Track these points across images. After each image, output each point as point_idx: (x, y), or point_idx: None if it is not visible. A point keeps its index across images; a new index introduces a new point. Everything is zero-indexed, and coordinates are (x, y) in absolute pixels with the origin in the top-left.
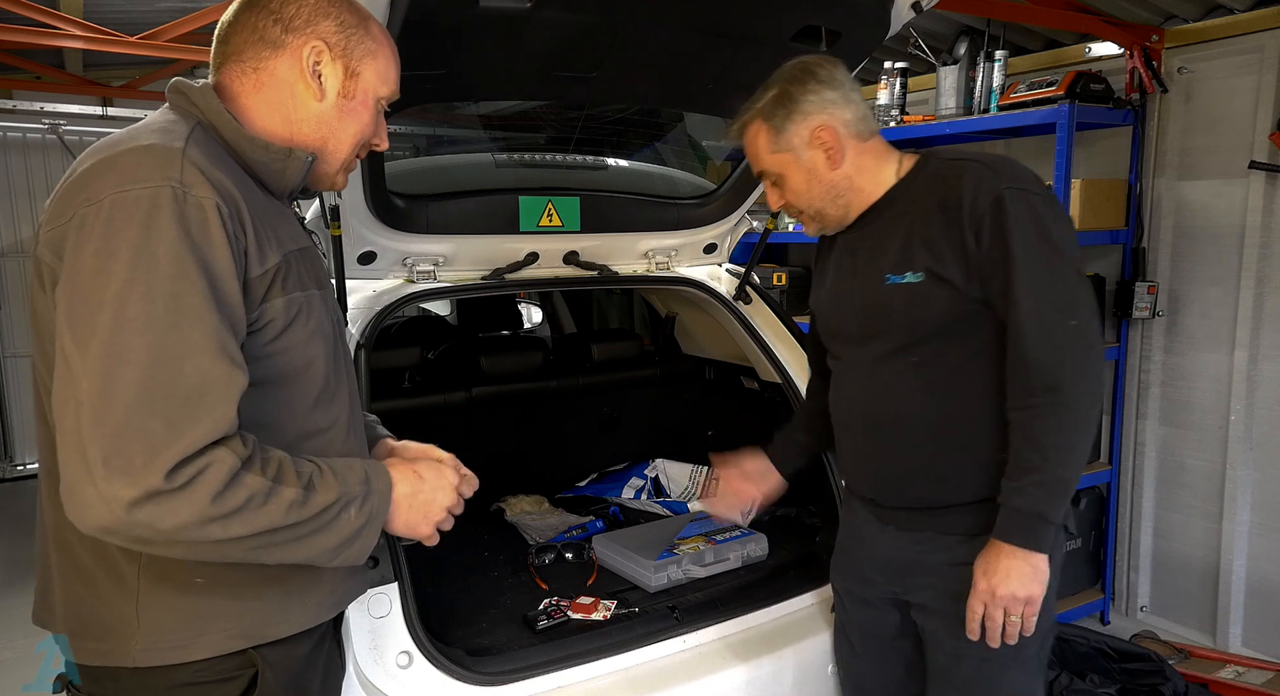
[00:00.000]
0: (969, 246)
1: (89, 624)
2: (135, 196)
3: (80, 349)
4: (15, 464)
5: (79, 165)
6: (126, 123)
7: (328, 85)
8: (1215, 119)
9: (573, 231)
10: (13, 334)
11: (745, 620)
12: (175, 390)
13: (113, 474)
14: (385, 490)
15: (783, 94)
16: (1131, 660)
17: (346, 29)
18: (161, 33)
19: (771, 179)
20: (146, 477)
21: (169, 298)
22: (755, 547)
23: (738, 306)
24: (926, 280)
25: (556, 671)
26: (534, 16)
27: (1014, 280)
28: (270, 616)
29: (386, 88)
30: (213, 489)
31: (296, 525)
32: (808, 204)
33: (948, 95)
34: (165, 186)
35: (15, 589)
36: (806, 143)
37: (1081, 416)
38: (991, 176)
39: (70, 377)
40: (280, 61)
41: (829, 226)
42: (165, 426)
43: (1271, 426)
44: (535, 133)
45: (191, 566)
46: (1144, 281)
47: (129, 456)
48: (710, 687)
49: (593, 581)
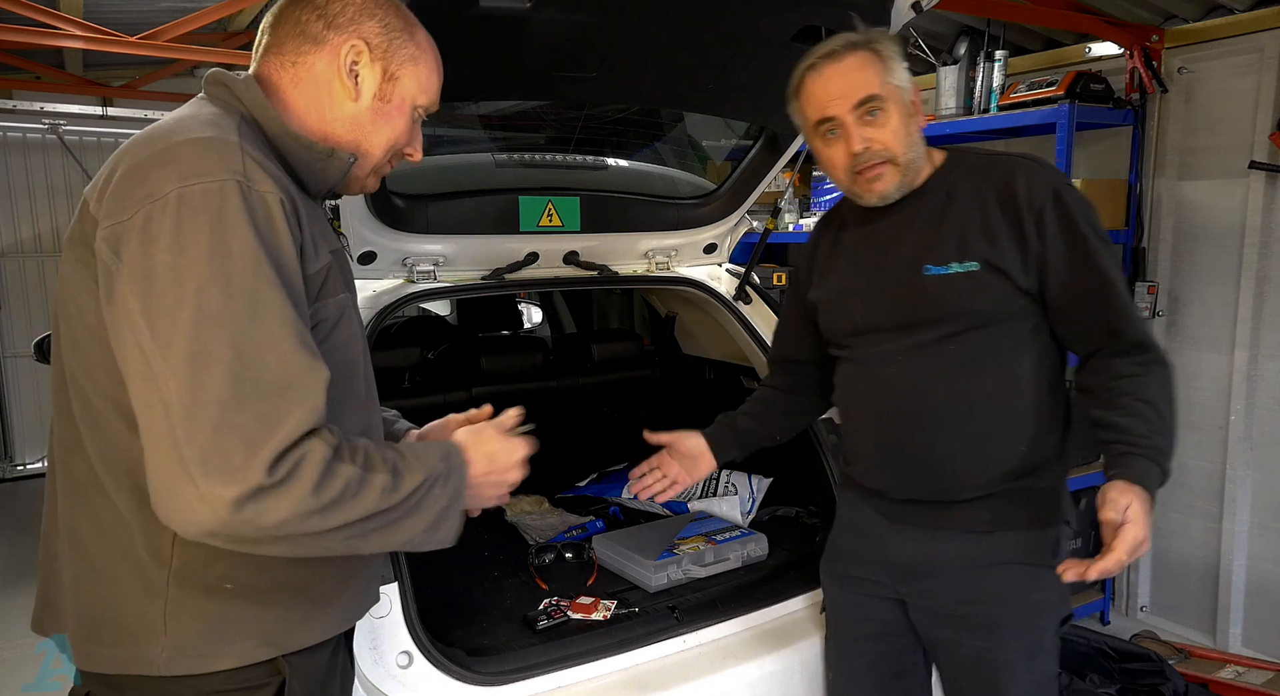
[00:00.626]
0: (1029, 237)
1: (105, 629)
2: (203, 190)
3: (162, 348)
4: (15, 464)
5: (124, 158)
6: (126, 123)
7: (364, 86)
8: (1215, 119)
9: (573, 231)
10: (13, 334)
11: (745, 620)
12: (263, 384)
13: (213, 473)
14: (461, 466)
15: (879, 38)
16: (1131, 660)
17: (390, 32)
18: (161, 33)
19: (873, 109)
20: (248, 475)
21: (247, 292)
22: (755, 547)
23: (738, 306)
24: (982, 270)
25: (556, 671)
26: (534, 16)
27: (1096, 262)
28: (296, 624)
29: (425, 97)
30: (312, 480)
31: (390, 510)
32: (900, 143)
33: (948, 95)
34: (230, 180)
35: (15, 589)
36: (911, 88)
37: (1174, 380)
38: (1043, 172)
39: (152, 377)
40: (320, 58)
41: (901, 187)
42: (258, 421)
43: (1271, 426)
44: (535, 133)
45: (222, 571)
46: (1144, 281)
47: (227, 454)
48: (710, 687)
49: (592, 581)
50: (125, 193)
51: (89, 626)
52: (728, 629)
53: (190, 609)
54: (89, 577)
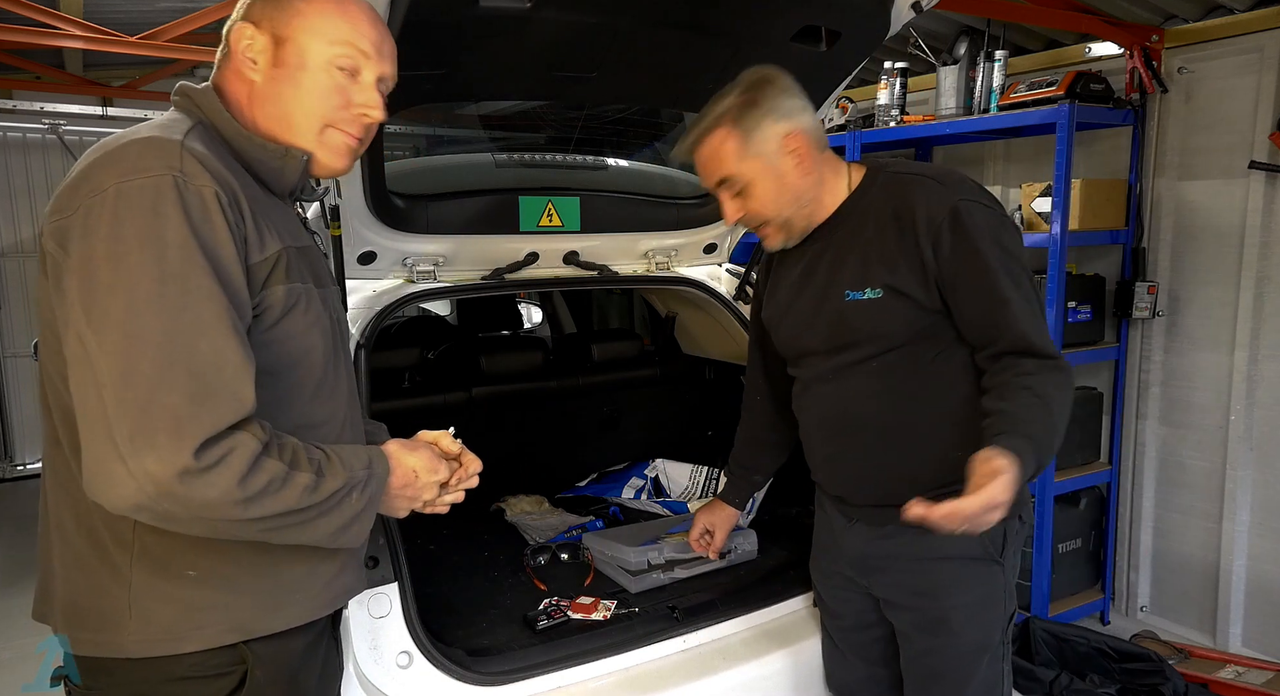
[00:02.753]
0: (926, 259)
1: (87, 614)
2: (139, 185)
3: (97, 333)
4: (15, 464)
5: (81, 161)
6: (127, 123)
7: (259, 60)
8: (1215, 119)
9: (573, 231)
10: (13, 334)
11: (745, 620)
12: (192, 367)
13: (141, 450)
14: (384, 475)
15: (749, 100)
16: (1131, 660)
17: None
18: (161, 33)
19: (736, 188)
20: (176, 455)
21: (179, 279)
22: (744, 542)
23: (738, 306)
24: (886, 295)
25: (556, 671)
26: (534, 16)
27: (995, 282)
28: (263, 610)
29: (336, 47)
30: (238, 472)
31: (307, 509)
32: (776, 212)
33: (948, 95)
34: (167, 175)
35: (15, 589)
36: (777, 149)
37: (1072, 385)
38: (942, 190)
39: (88, 361)
40: (232, 48)
41: (794, 237)
42: (187, 401)
43: (1271, 426)
44: (535, 133)
45: (184, 558)
46: (1144, 281)
47: (153, 432)
48: (710, 687)
49: (590, 581)
50: (71, 191)
51: (73, 612)
52: (727, 629)
53: (154, 593)
54: (73, 564)
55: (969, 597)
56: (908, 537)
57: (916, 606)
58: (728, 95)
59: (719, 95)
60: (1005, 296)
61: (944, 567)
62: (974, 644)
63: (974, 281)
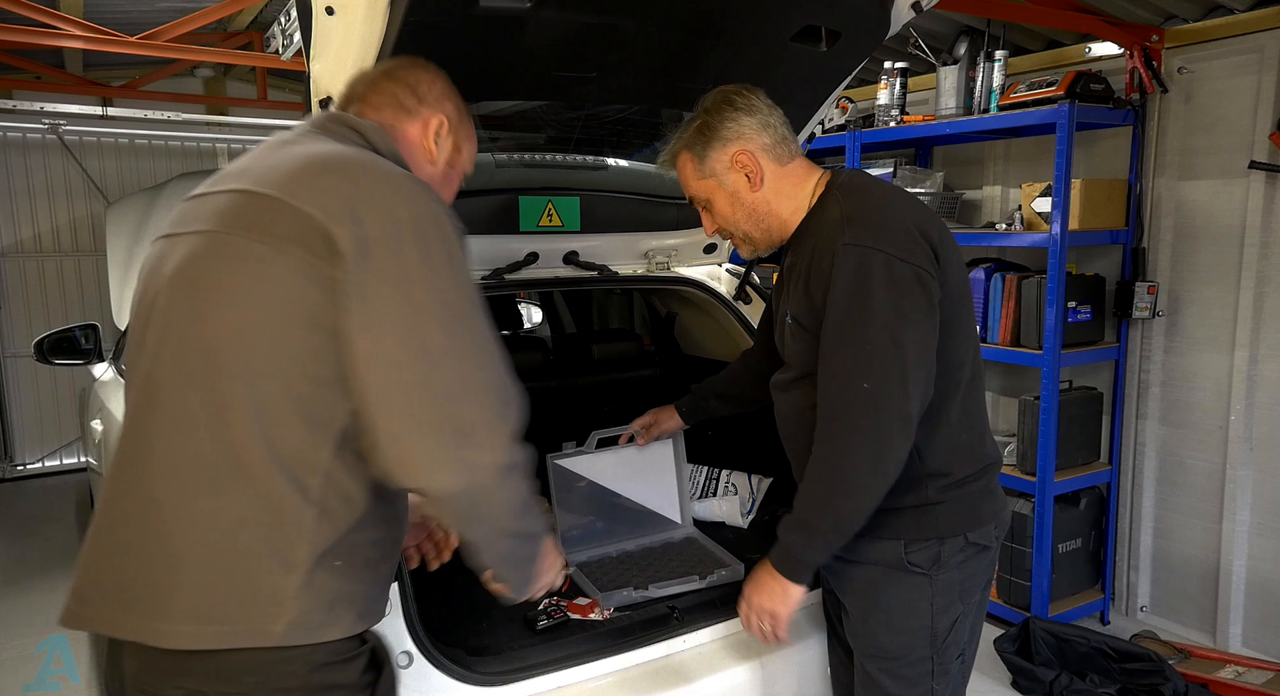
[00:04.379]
0: (815, 297)
1: (228, 606)
2: (434, 213)
3: (450, 335)
4: (15, 464)
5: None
6: (126, 123)
7: (440, 154)
8: (1215, 119)
9: (573, 231)
10: (13, 334)
11: None
12: (501, 376)
13: (478, 444)
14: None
15: (703, 124)
16: (1131, 660)
17: (460, 114)
18: (161, 33)
19: (701, 204)
20: (502, 451)
21: (472, 293)
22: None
23: (738, 306)
24: (793, 323)
25: (556, 671)
26: (534, 16)
27: (824, 335)
28: (375, 602)
29: (470, 170)
30: (528, 475)
31: (531, 537)
32: (734, 226)
33: (948, 95)
34: (438, 206)
35: (15, 589)
36: (727, 167)
37: (844, 480)
38: (839, 233)
39: (407, 365)
40: (413, 126)
41: (759, 248)
42: (505, 405)
43: (1271, 426)
44: (535, 133)
45: (336, 550)
46: (1144, 281)
47: (491, 428)
48: (710, 687)
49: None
50: (365, 205)
51: (211, 603)
52: (728, 629)
53: (316, 584)
54: (221, 557)
55: (885, 602)
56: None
57: (849, 605)
58: (693, 118)
59: (690, 116)
60: (830, 351)
61: (865, 571)
62: (888, 652)
63: (826, 328)
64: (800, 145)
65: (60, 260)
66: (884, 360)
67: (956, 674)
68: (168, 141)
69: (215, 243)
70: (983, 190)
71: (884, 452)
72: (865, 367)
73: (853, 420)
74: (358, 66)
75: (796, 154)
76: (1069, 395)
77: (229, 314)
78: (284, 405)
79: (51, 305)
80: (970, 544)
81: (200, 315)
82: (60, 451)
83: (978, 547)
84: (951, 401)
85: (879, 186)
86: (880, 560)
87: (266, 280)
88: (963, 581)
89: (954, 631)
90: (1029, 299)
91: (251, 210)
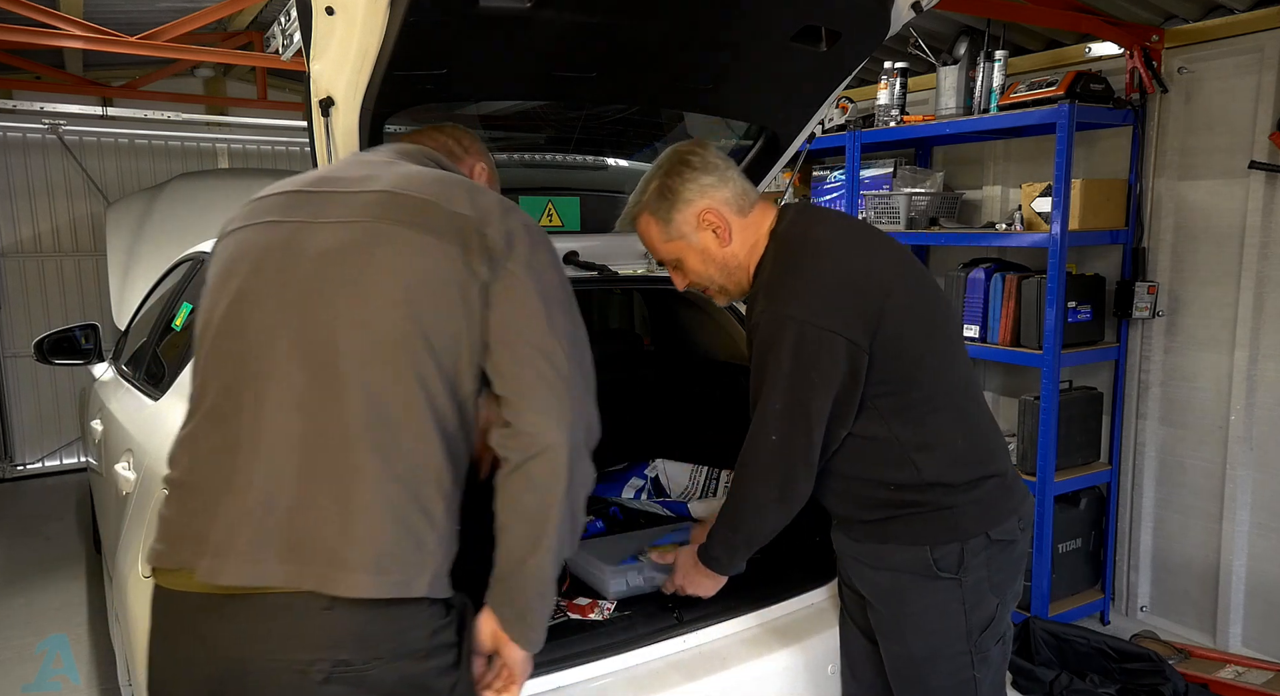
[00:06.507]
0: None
1: (396, 557)
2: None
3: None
4: (15, 464)
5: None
6: (126, 123)
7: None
8: (1215, 119)
9: (573, 231)
10: (13, 334)
11: (745, 619)
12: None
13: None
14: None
15: (663, 187)
16: (1131, 660)
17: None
18: (161, 33)
19: (671, 264)
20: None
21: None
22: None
23: (738, 306)
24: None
25: (556, 671)
26: (534, 16)
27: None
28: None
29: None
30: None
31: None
32: (709, 280)
33: (948, 95)
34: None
35: (15, 589)
36: (694, 227)
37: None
38: (759, 298)
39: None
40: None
41: (734, 296)
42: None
43: (1271, 426)
44: (535, 133)
45: (450, 508)
46: (1144, 281)
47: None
48: (710, 687)
49: (566, 587)
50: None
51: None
52: (728, 628)
53: (445, 540)
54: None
55: (917, 608)
56: (867, 547)
57: (879, 608)
58: (651, 179)
59: (645, 177)
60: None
61: (894, 577)
62: (923, 652)
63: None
64: (758, 192)
65: (60, 260)
66: (790, 420)
67: (997, 656)
68: (168, 141)
69: (371, 231)
70: (983, 190)
71: (787, 489)
72: (775, 424)
73: (761, 464)
74: (358, 66)
75: (755, 200)
76: (1069, 395)
77: (388, 285)
78: (434, 366)
79: (51, 305)
80: (993, 541)
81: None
82: (60, 451)
83: (1002, 543)
84: (937, 415)
85: (813, 234)
86: (907, 567)
87: (429, 256)
88: (991, 576)
89: (992, 624)
90: (1029, 299)
91: (408, 207)
